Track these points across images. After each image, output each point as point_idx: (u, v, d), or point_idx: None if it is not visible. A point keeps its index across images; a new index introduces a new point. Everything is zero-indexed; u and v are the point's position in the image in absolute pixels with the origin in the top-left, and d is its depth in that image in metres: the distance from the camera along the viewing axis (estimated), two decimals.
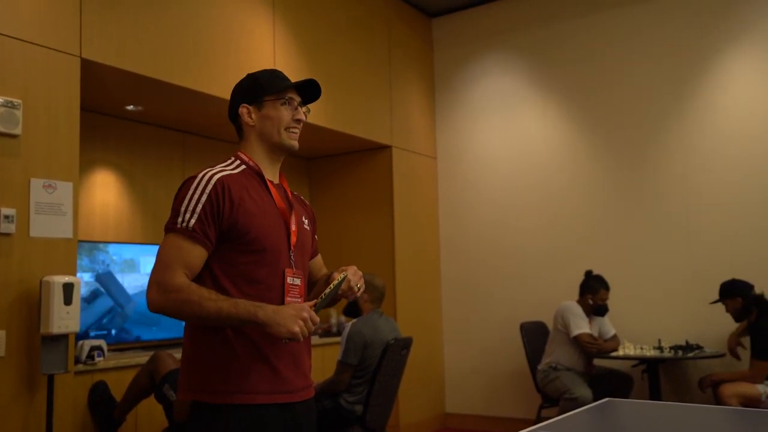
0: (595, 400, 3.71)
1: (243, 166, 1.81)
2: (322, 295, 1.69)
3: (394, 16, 5.71)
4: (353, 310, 3.90)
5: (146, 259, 4.29)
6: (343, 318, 5.13)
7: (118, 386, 3.48)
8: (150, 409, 3.56)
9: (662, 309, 4.97)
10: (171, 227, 1.69)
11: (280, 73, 1.89)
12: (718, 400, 4.09)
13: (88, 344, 3.46)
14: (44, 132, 3.15)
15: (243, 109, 1.84)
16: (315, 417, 1.83)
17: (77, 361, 3.39)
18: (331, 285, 1.71)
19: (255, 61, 4.31)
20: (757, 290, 4.28)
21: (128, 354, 3.88)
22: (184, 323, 1.78)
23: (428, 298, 5.80)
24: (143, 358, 3.56)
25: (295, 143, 1.85)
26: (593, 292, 4.68)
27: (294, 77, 4.80)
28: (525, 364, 5.00)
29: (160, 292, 1.62)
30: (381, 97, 5.47)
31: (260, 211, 1.74)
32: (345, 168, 5.70)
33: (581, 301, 4.73)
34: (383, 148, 5.51)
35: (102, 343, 3.53)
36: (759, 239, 4.69)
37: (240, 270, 1.70)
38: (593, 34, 5.43)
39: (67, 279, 3.05)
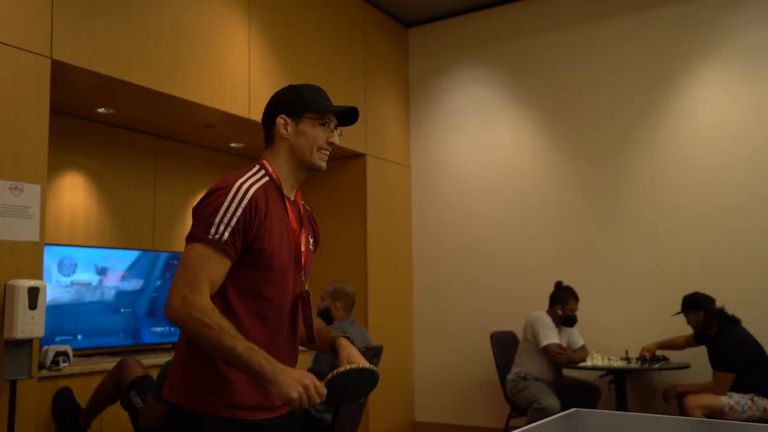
0: (563, 409, 3.74)
1: (266, 178, 1.77)
2: (336, 371, 1.64)
3: (370, 24, 5.73)
4: (325, 317, 3.89)
5: (114, 263, 4.23)
6: None
7: (84, 392, 3.42)
8: (116, 416, 3.51)
9: (630, 321, 5.04)
10: (202, 237, 1.62)
11: (325, 93, 1.87)
12: (683, 412, 4.15)
13: (53, 349, 3.40)
14: (12, 133, 3.10)
15: (280, 120, 1.82)
16: (293, 428, 1.83)
17: (41, 366, 3.33)
18: (351, 367, 1.67)
19: (229, 67, 4.29)
20: (718, 304, 4.37)
21: (94, 360, 3.82)
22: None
23: (400, 306, 5.81)
24: (110, 364, 3.51)
25: (324, 164, 1.84)
26: (563, 302, 4.73)
27: (268, 83, 4.81)
28: (495, 374, 5.03)
29: (184, 305, 1.58)
30: (356, 103, 5.42)
31: (277, 228, 1.73)
32: (319, 175, 5.65)
33: (551, 311, 4.78)
34: (357, 156, 5.52)
35: (67, 348, 3.47)
36: (725, 249, 4.79)
37: (248, 285, 1.69)
38: (566, 46, 5.51)
39: (32, 283, 2.99)
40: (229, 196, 1.65)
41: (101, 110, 4.17)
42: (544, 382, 4.63)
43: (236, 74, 4.34)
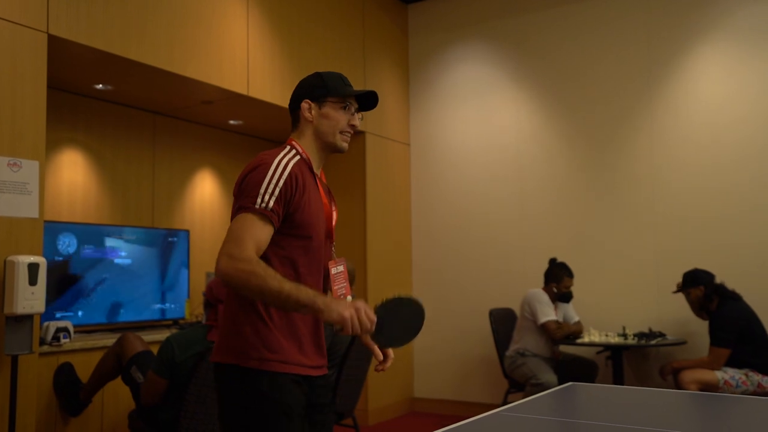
0: (560, 385, 3.78)
1: (298, 156, 1.89)
2: (384, 300, 1.75)
3: (369, 1, 5.69)
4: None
5: (113, 240, 4.25)
6: None
7: (85, 368, 3.45)
8: (116, 391, 3.55)
9: (627, 297, 5.07)
10: (249, 207, 1.76)
11: (346, 79, 2.00)
12: (678, 386, 4.20)
13: (54, 325, 3.42)
14: (9, 109, 3.09)
15: (305, 104, 1.95)
16: (330, 391, 1.99)
17: (42, 342, 3.35)
18: (399, 295, 1.77)
19: (228, 43, 4.27)
20: (717, 280, 4.39)
21: (95, 336, 3.85)
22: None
23: (399, 284, 5.83)
24: (110, 340, 3.54)
25: (346, 145, 1.97)
26: (557, 280, 4.76)
27: (267, 60, 4.79)
28: (493, 350, 5.07)
29: (231, 261, 1.70)
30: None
31: (314, 201, 1.88)
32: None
33: (546, 288, 4.81)
34: (356, 134, 5.51)
35: (68, 324, 3.50)
36: (723, 229, 4.80)
37: (287, 253, 1.83)
38: (567, 23, 5.48)
39: (32, 259, 3.01)
40: (271, 170, 1.80)
41: (99, 86, 4.15)
42: (541, 358, 4.67)
43: (235, 51, 4.32)
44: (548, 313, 4.67)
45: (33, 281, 2.98)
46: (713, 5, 4.94)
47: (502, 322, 5.06)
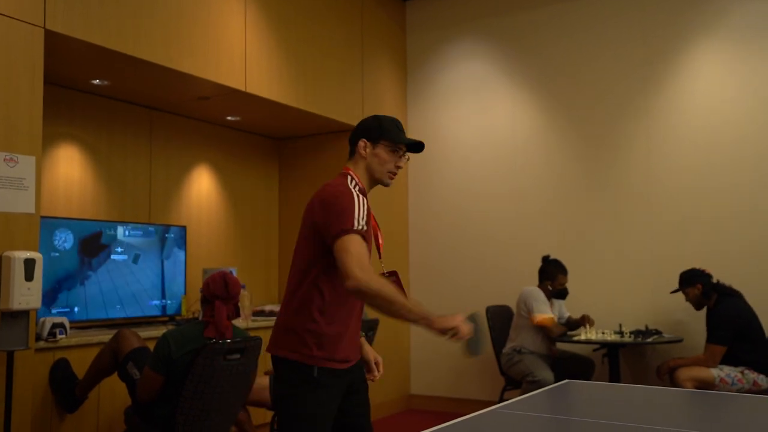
0: (556, 383, 3.78)
1: (357, 186, 2.21)
2: (472, 313, 2.10)
3: None
4: None
5: (110, 235, 4.24)
6: None
7: (81, 364, 3.44)
8: (113, 387, 3.54)
9: (624, 295, 5.08)
10: (349, 229, 2.04)
11: (401, 125, 2.29)
12: (674, 384, 4.21)
13: (49, 321, 3.41)
14: (5, 104, 3.08)
15: (361, 143, 2.26)
16: (361, 373, 2.31)
17: (38, 338, 3.35)
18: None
19: (225, 39, 4.25)
20: (714, 279, 4.40)
21: (91, 332, 3.84)
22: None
23: None
24: (106, 336, 3.53)
25: (390, 182, 2.29)
26: (551, 277, 4.77)
27: (265, 56, 4.79)
28: (489, 348, 5.07)
29: (365, 274, 1.98)
30: (353, 79, 5.45)
31: (369, 225, 2.18)
32: (315, 149, 5.68)
33: (542, 286, 4.81)
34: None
35: (64, 320, 3.49)
36: (720, 227, 4.81)
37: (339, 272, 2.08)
38: (563, 21, 5.47)
39: (28, 255, 3.00)
40: (355, 198, 2.11)
41: (96, 82, 4.14)
42: (538, 356, 4.68)
43: (232, 47, 4.30)
44: (544, 310, 4.67)
45: (29, 277, 2.97)
46: (709, 3, 4.95)
47: (499, 320, 5.07)
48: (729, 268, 4.62)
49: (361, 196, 2.13)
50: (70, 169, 4.25)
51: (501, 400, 4.82)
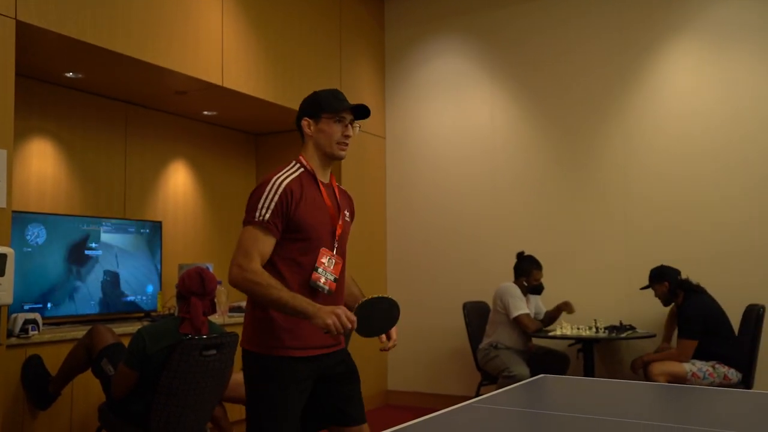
0: (532, 377, 3.82)
1: (302, 169, 2.22)
2: (361, 301, 2.06)
3: None
4: None
5: (83, 231, 4.18)
6: None
7: (54, 361, 3.40)
8: (86, 384, 3.50)
9: (599, 291, 5.14)
10: (250, 220, 2.11)
11: (340, 94, 2.27)
12: (648, 378, 4.27)
13: (22, 317, 3.36)
14: None
15: (304, 122, 2.26)
16: (348, 360, 2.30)
17: (10, 334, 3.29)
18: (373, 296, 2.08)
19: (202, 33, 4.22)
20: (684, 275, 4.47)
21: (64, 328, 3.79)
22: None
23: (373, 277, 5.84)
24: (80, 332, 3.48)
25: (343, 153, 2.25)
26: (526, 273, 4.81)
27: (242, 51, 4.75)
28: (466, 343, 5.10)
29: (240, 272, 2.05)
30: (331, 74, 5.44)
31: (312, 207, 2.17)
32: (293, 144, 5.60)
33: (517, 282, 4.85)
34: None
35: (37, 316, 3.44)
36: (695, 222, 4.89)
37: (288, 254, 2.14)
38: (541, 16, 5.51)
39: (0, 250, 2.94)
40: (267, 189, 2.13)
41: (69, 75, 4.08)
42: (514, 351, 4.72)
43: (209, 41, 4.27)
44: (520, 306, 4.71)
45: (0, 272, 2.92)
46: (686, 6, 5.01)
47: (476, 316, 5.10)
48: (700, 266, 4.70)
49: (279, 182, 2.13)
50: (42, 164, 4.18)
51: (477, 395, 4.85)
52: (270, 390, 2.11)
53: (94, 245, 4.23)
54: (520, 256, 4.90)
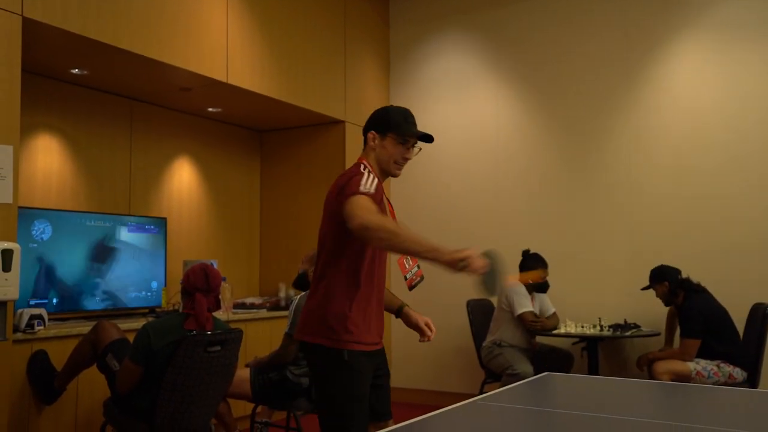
0: (535, 375, 3.81)
1: (370, 172, 2.27)
2: (488, 251, 2.12)
3: None
4: (302, 283, 3.91)
5: (89, 227, 4.19)
6: (291, 291, 5.14)
7: (60, 356, 3.41)
8: (92, 379, 3.51)
9: (603, 289, 5.13)
10: (356, 191, 2.12)
11: (411, 117, 2.35)
12: (652, 377, 4.26)
13: (27, 313, 3.38)
14: None
15: (370, 134, 2.35)
16: (385, 359, 2.39)
17: (16, 329, 3.31)
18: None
19: (207, 30, 4.22)
20: (689, 273, 4.46)
21: (70, 323, 3.80)
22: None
23: None
24: (85, 327, 3.50)
25: (398, 173, 2.36)
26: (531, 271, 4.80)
27: (247, 48, 4.75)
28: (470, 341, 5.10)
29: (368, 213, 2.05)
30: (336, 71, 5.44)
31: (384, 206, 2.27)
32: (298, 141, 5.66)
33: None
34: (336, 123, 5.49)
35: (43, 311, 3.45)
36: (699, 220, 4.87)
37: (358, 248, 2.22)
38: (546, 14, 5.50)
39: (6, 245, 2.96)
40: (365, 176, 2.19)
41: (75, 71, 4.09)
42: (518, 349, 4.71)
43: (214, 37, 4.27)
44: (525, 304, 4.71)
45: (7, 268, 2.93)
46: (692, 2, 4.99)
47: (479, 313, 5.09)
48: (706, 264, 4.69)
49: (371, 177, 2.20)
50: (48, 160, 4.20)
51: (481, 393, 4.85)
52: (345, 379, 2.18)
53: (99, 241, 4.24)
54: (526, 254, 4.89)
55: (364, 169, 2.25)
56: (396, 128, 2.30)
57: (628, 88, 5.18)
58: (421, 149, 2.40)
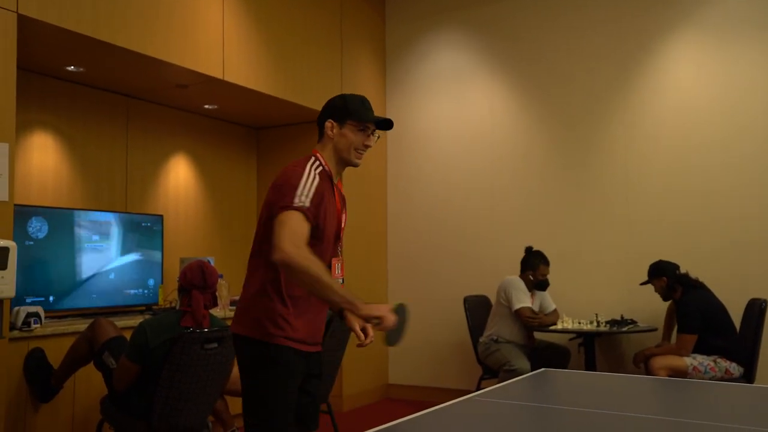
0: (533, 371, 3.82)
1: (321, 168, 2.20)
2: (397, 304, 2.08)
3: None
4: None
5: (85, 224, 4.19)
6: None
7: (56, 354, 3.40)
8: (89, 377, 3.51)
9: (600, 285, 5.14)
10: (289, 205, 2.05)
11: (368, 103, 2.28)
12: (649, 373, 4.27)
13: (24, 310, 3.37)
14: None
15: (328, 123, 2.25)
16: (320, 362, 2.30)
17: (12, 327, 3.30)
18: (401, 303, 2.12)
19: (203, 27, 4.21)
20: (686, 269, 4.47)
21: (66, 321, 3.80)
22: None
23: (374, 271, 5.84)
24: (82, 325, 3.49)
25: (359, 162, 2.27)
26: (533, 268, 4.81)
27: (243, 45, 4.74)
28: (467, 337, 5.11)
29: (294, 248, 1.98)
30: (332, 68, 5.43)
31: (328, 207, 2.17)
32: (294, 138, 5.65)
33: (523, 276, 4.85)
34: None
35: (39, 309, 3.45)
36: (696, 216, 4.88)
37: None
38: (542, 9, 5.50)
39: (2, 243, 2.95)
40: (305, 177, 2.11)
41: (71, 68, 4.07)
42: (515, 345, 4.72)
43: (210, 34, 4.26)
44: (523, 299, 4.71)
45: (3, 265, 2.93)
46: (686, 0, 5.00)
47: (477, 309, 5.10)
48: (702, 260, 4.70)
49: (313, 174, 2.12)
50: (44, 157, 4.18)
51: (478, 389, 4.86)
52: (270, 376, 2.11)
53: (95, 238, 4.23)
54: (529, 250, 4.90)
55: (312, 165, 2.17)
56: (355, 115, 2.22)
57: (623, 84, 5.18)
58: (379, 137, 2.32)
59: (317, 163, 2.20)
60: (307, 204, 2.06)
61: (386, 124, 2.27)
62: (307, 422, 2.26)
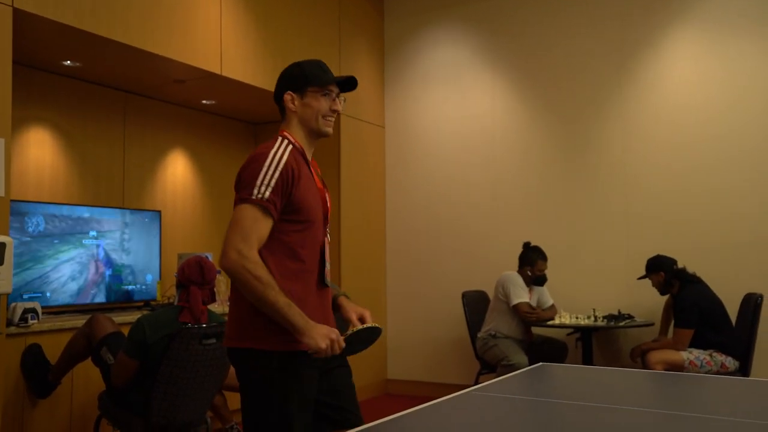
0: (530, 366, 3.83)
1: (291, 146, 2.00)
2: (353, 329, 1.98)
3: None
4: None
5: (82, 220, 4.18)
6: None
7: (54, 350, 3.40)
8: (86, 372, 3.51)
9: (597, 280, 5.15)
10: (246, 198, 1.89)
11: (325, 65, 2.10)
12: (646, 367, 4.29)
13: (21, 306, 3.37)
14: None
15: (287, 96, 2.07)
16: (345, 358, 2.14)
17: (9, 323, 3.30)
18: (361, 327, 1.99)
19: (200, 21, 4.20)
20: (683, 264, 4.48)
21: (64, 317, 3.79)
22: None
23: (373, 266, 5.84)
24: (80, 321, 3.49)
25: (330, 130, 2.09)
26: (531, 263, 4.81)
27: (240, 40, 4.73)
28: (465, 332, 5.12)
29: (240, 259, 1.83)
30: (330, 64, 5.32)
31: (309, 188, 2.00)
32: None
33: (521, 271, 4.85)
34: None
35: (36, 305, 3.45)
36: (694, 211, 4.89)
37: (287, 238, 1.95)
38: (541, 5, 5.49)
39: None
40: (267, 163, 1.92)
41: (67, 63, 4.06)
42: (513, 340, 4.73)
43: (207, 29, 4.25)
44: (521, 295, 4.72)
45: None
46: None
47: (475, 305, 5.11)
48: (699, 255, 4.71)
49: (279, 155, 1.93)
50: (41, 153, 4.17)
51: (476, 384, 4.87)
52: (292, 386, 1.93)
53: (93, 234, 4.23)
54: (527, 246, 4.90)
55: (279, 146, 1.97)
56: (315, 80, 2.03)
57: (623, 80, 5.18)
58: (345, 100, 2.14)
59: (285, 142, 2.00)
60: (267, 194, 1.88)
61: (350, 84, 2.11)
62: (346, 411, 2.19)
